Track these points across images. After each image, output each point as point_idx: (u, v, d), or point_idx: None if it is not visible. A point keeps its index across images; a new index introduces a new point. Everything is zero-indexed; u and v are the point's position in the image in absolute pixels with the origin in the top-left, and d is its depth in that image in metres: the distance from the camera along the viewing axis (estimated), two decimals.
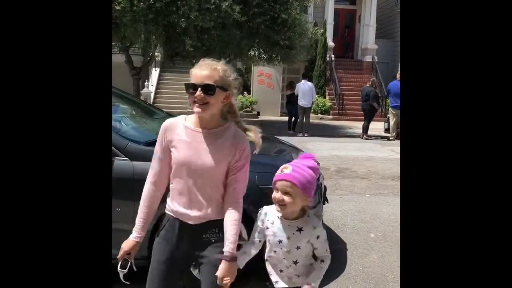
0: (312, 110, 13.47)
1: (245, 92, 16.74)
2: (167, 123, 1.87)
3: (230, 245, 1.76)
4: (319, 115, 16.05)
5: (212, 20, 9.79)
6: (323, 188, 3.55)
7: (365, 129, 11.59)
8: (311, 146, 9.35)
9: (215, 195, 1.83)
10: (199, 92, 1.71)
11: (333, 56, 17.79)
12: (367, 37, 18.46)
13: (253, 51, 12.21)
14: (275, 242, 1.80)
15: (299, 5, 11.68)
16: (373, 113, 11.74)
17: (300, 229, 1.77)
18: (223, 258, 1.76)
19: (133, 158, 2.76)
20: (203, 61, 1.80)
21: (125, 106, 3.91)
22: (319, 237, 1.80)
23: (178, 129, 1.84)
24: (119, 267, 1.83)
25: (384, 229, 4.34)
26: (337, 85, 17.01)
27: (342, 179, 6.57)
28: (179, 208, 1.84)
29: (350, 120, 15.75)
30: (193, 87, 1.73)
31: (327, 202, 3.68)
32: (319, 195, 3.28)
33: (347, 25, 19.79)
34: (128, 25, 9.82)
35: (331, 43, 17.75)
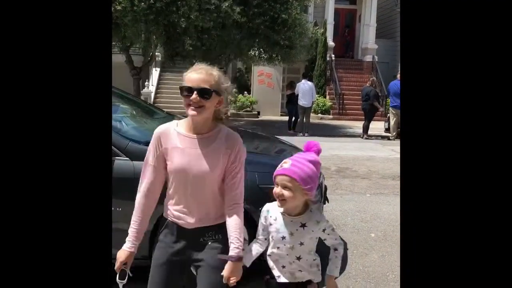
0: (312, 110, 13.46)
1: (245, 92, 16.73)
2: (159, 130, 1.86)
3: (235, 249, 1.77)
4: (319, 114, 16.04)
5: (212, 20, 9.79)
6: (323, 188, 3.55)
7: (366, 128, 11.59)
8: None
9: (213, 200, 1.83)
10: (195, 95, 1.71)
11: (333, 55, 17.79)
12: (367, 37, 18.46)
13: (253, 51, 12.21)
14: (278, 238, 1.80)
15: (299, 5, 11.67)
16: (373, 113, 11.74)
17: (304, 225, 1.77)
18: (228, 259, 1.76)
19: (133, 158, 2.76)
20: (197, 65, 1.80)
21: (125, 106, 3.91)
22: (325, 230, 1.80)
23: (171, 135, 1.83)
24: (117, 278, 1.82)
25: (384, 228, 4.34)
26: (337, 84, 17.01)
27: (343, 179, 6.56)
28: (176, 213, 1.85)
29: (350, 119, 15.75)
30: (189, 90, 1.73)
31: (328, 201, 3.68)
32: (319, 194, 3.27)
33: (347, 25, 19.80)
34: (129, 25, 9.83)
35: (331, 42, 17.75)
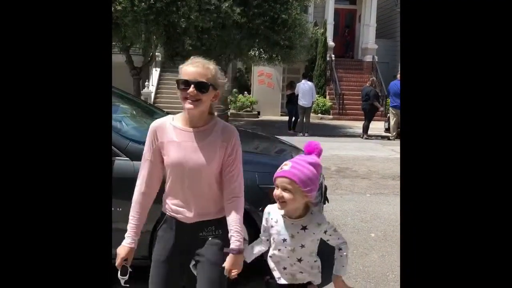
0: (312, 110, 13.46)
1: (245, 92, 16.73)
2: (155, 124, 1.86)
3: (236, 242, 1.78)
4: (319, 114, 16.04)
5: (212, 20, 9.79)
6: (323, 188, 3.55)
7: (366, 128, 11.59)
8: None
9: (211, 193, 1.83)
10: (192, 88, 1.71)
11: (333, 56, 17.79)
12: (367, 37, 18.46)
13: (253, 51, 12.21)
14: (279, 241, 1.80)
15: (299, 5, 11.67)
16: (373, 113, 11.74)
17: (305, 228, 1.77)
18: (230, 252, 1.78)
19: (133, 158, 2.76)
20: (194, 59, 1.80)
21: (125, 106, 3.91)
22: (326, 231, 1.80)
23: (167, 129, 1.83)
24: (119, 274, 1.82)
25: (384, 228, 4.34)
26: (337, 84, 17.00)
27: (343, 179, 6.56)
28: (175, 208, 1.84)
29: (350, 120, 15.75)
30: (186, 83, 1.73)
31: (328, 201, 3.68)
32: (320, 196, 3.27)
33: (347, 25, 19.80)
34: (129, 25, 9.83)
35: (331, 43, 17.75)
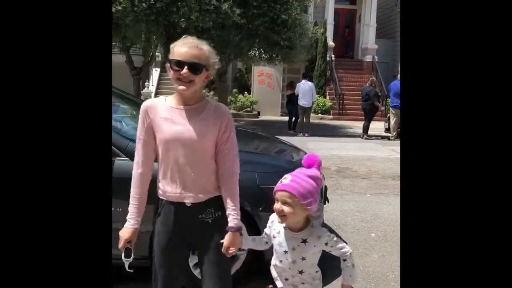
0: (313, 110, 13.46)
1: (245, 92, 16.74)
2: (146, 103, 1.85)
3: (234, 220, 1.80)
4: (320, 115, 16.05)
5: (212, 20, 9.79)
6: (323, 188, 3.55)
7: (366, 128, 11.59)
8: (312, 146, 9.34)
9: (206, 170, 1.83)
10: (186, 70, 1.70)
11: (333, 56, 17.80)
12: (367, 37, 18.47)
13: (253, 51, 12.21)
14: (281, 252, 1.80)
15: (299, 5, 11.67)
16: (373, 113, 11.73)
17: (305, 241, 1.75)
18: (228, 230, 1.79)
19: (133, 158, 2.75)
20: (187, 38, 1.78)
21: (125, 106, 3.90)
22: (327, 243, 1.77)
23: (159, 108, 1.82)
24: (123, 256, 1.83)
25: (384, 228, 4.34)
26: (337, 85, 17.01)
27: (343, 179, 6.56)
28: (172, 189, 1.83)
29: (351, 120, 15.76)
30: (179, 64, 1.72)
31: (328, 201, 3.67)
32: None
33: (347, 25, 19.80)
34: (130, 26, 9.83)
35: (331, 43, 17.75)
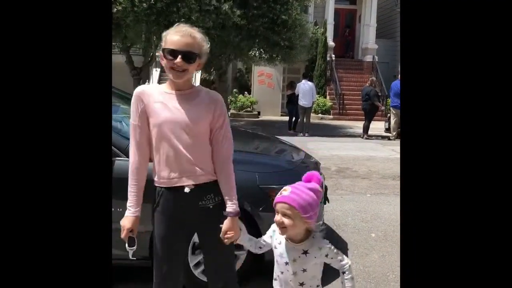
0: (313, 110, 13.46)
1: (245, 92, 16.74)
2: (139, 89, 1.85)
3: (232, 205, 1.81)
4: (320, 115, 16.05)
5: (212, 21, 9.80)
6: (324, 188, 3.55)
7: (366, 128, 11.59)
8: (312, 146, 9.34)
9: (203, 153, 1.83)
10: (179, 59, 1.71)
11: (333, 56, 17.80)
12: (368, 37, 18.47)
13: (253, 51, 12.21)
14: (282, 263, 1.79)
15: (299, 5, 11.66)
16: (373, 113, 11.73)
17: (306, 252, 1.74)
18: (227, 215, 1.80)
19: None
20: (180, 27, 1.78)
21: (125, 106, 3.90)
22: (328, 255, 1.76)
23: (152, 93, 1.83)
24: (127, 245, 1.83)
25: (385, 228, 4.34)
26: (337, 85, 17.01)
27: (343, 179, 6.56)
28: (169, 174, 1.82)
29: (351, 120, 15.75)
30: (172, 53, 1.72)
31: (328, 202, 3.67)
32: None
33: (347, 25, 19.80)
34: (131, 26, 9.83)
35: (331, 43, 17.76)
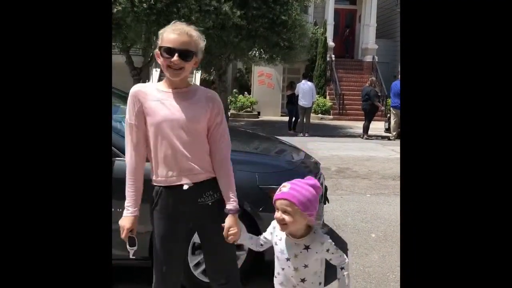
0: (313, 110, 13.46)
1: (245, 93, 16.74)
2: (135, 89, 1.85)
3: (233, 203, 1.82)
4: (320, 115, 16.05)
5: (212, 21, 9.79)
6: (323, 188, 3.55)
7: (366, 129, 11.59)
8: (312, 146, 9.34)
9: (201, 151, 1.84)
10: (176, 57, 1.71)
11: (333, 56, 17.80)
12: (367, 37, 18.47)
13: (253, 51, 12.20)
14: (283, 260, 1.78)
15: (299, 5, 11.66)
16: (373, 113, 11.73)
17: (307, 247, 1.74)
18: (229, 213, 1.81)
19: None
20: (176, 25, 1.78)
21: (125, 106, 3.90)
22: (329, 250, 1.77)
23: (149, 92, 1.83)
24: (128, 245, 1.83)
25: (385, 229, 4.34)
26: (337, 85, 17.01)
27: (343, 179, 6.56)
28: (167, 173, 1.82)
29: (351, 120, 15.76)
30: (169, 51, 1.72)
31: (328, 202, 3.67)
32: (320, 197, 3.26)
33: (347, 25, 19.80)
34: (131, 26, 9.82)
35: (331, 43, 17.76)
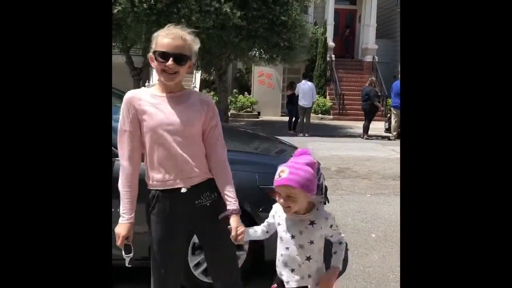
0: (313, 110, 13.46)
1: (245, 93, 16.74)
2: (129, 95, 1.85)
3: (235, 204, 1.83)
4: (320, 115, 16.05)
5: (212, 21, 9.79)
6: (323, 188, 3.54)
7: (366, 129, 11.59)
8: (312, 146, 9.34)
9: (197, 153, 1.84)
10: (171, 62, 1.71)
11: (333, 56, 17.80)
12: (368, 37, 18.47)
13: (253, 51, 12.20)
14: (287, 238, 1.79)
15: (299, 5, 11.65)
16: (373, 113, 11.73)
17: (313, 222, 1.78)
18: (230, 214, 1.82)
19: None
20: (170, 29, 1.78)
21: None
22: (332, 225, 1.82)
23: (143, 97, 1.83)
24: (123, 253, 1.83)
25: (385, 229, 4.34)
26: (337, 85, 17.01)
27: (343, 179, 6.56)
28: (164, 177, 1.82)
29: (351, 120, 15.75)
30: (163, 56, 1.72)
31: (328, 202, 3.67)
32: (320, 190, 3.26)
33: (347, 25, 19.80)
34: (131, 26, 9.82)
35: (331, 43, 17.76)
